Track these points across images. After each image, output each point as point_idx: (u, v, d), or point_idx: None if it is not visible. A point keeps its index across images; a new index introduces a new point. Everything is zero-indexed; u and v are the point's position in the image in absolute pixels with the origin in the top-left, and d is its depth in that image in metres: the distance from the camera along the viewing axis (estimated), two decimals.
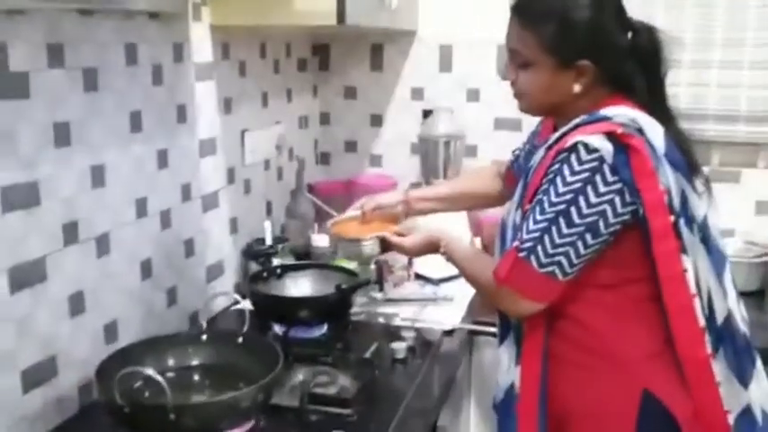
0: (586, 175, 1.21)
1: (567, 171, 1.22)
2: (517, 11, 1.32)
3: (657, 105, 1.31)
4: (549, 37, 1.27)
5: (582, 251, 1.24)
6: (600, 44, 1.28)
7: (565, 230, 1.23)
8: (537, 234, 1.24)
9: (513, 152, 1.67)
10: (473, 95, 2.38)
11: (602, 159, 1.20)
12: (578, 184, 1.21)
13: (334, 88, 2.50)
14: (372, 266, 2.05)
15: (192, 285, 1.78)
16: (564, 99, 1.31)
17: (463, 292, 2.03)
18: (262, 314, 1.64)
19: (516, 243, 1.27)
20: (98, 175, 1.44)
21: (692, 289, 1.25)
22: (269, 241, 1.99)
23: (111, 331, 1.50)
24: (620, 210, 1.22)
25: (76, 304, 1.40)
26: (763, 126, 2.16)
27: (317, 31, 2.34)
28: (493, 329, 1.80)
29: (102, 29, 1.42)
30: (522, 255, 1.25)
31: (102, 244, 1.46)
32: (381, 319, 1.86)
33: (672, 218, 1.23)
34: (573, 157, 1.22)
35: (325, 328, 1.69)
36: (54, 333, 1.35)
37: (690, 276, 1.25)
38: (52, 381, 1.35)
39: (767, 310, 2.02)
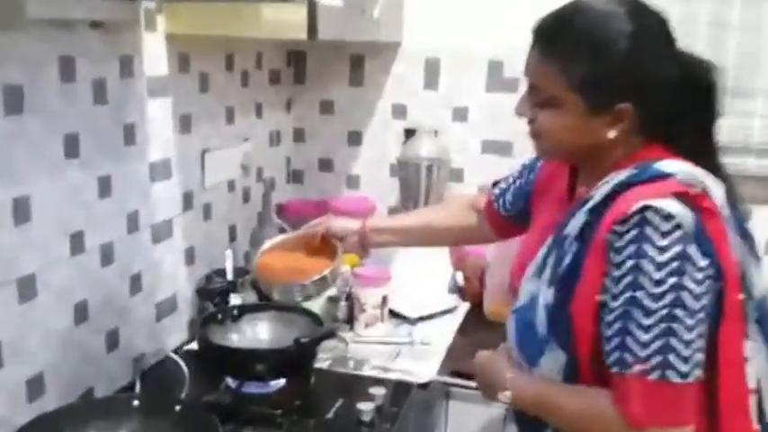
0: (678, 249, 0.97)
1: (651, 251, 0.98)
2: (540, 37, 1.09)
3: (705, 157, 1.08)
4: (581, 73, 1.04)
5: (706, 337, 1.00)
6: (642, 82, 1.05)
7: (689, 322, 0.97)
8: (660, 342, 0.97)
9: (497, 185, 1.46)
10: (460, 115, 2.20)
11: (681, 227, 0.98)
12: (675, 264, 0.97)
13: (309, 102, 2.31)
14: (343, 303, 1.87)
15: (138, 326, 1.59)
16: (593, 147, 1.09)
17: (442, 335, 1.86)
18: (212, 365, 1.46)
19: (637, 367, 0.98)
20: (22, 209, 1.24)
21: (751, 382, 1.06)
22: (230, 273, 1.80)
23: (35, 386, 1.31)
24: (715, 284, 1.00)
25: None
26: None
27: (289, 39, 2.15)
28: (473, 384, 1.64)
29: (31, 41, 1.23)
30: (654, 376, 0.97)
31: (27, 287, 1.27)
32: (351, 365, 1.67)
33: (741, 295, 1.03)
34: (649, 231, 0.98)
35: (283, 382, 1.50)
36: None
37: (749, 367, 1.06)
38: None
39: None
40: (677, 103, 1.07)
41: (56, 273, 1.34)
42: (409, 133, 2.15)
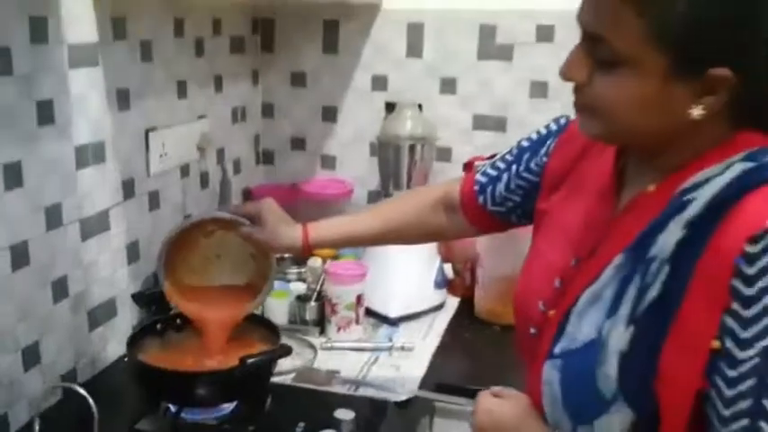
0: None
1: None
2: None
3: None
4: (667, 19, 0.75)
5: None
6: (748, 41, 0.77)
7: None
8: None
9: (481, 171, 1.18)
10: (448, 86, 1.94)
11: None
12: None
13: (279, 73, 2.06)
14: (312, 303, 1.64)
15: (65, 337, 1.35)
16: (669, 128, 0.81)
17: (427, 338, 1.63)
18: (147, 387, 1.22)
19: None
20: None
21: None
22: None
23: None
24: None
25: None
26: None
27: (254, 2, 1.89)
28: (462, 400, 1.40)
29: None
30: None
31: None
32: (317, 379, 1.44)
33: None
34: None
35: (233, 404, 1.26)
36: None
37: None
38: None
39: None
40: None
41: None
42: (390, 107, 1.90)
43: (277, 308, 1.63)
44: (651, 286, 0.79)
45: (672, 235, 0.79)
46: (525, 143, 1.13)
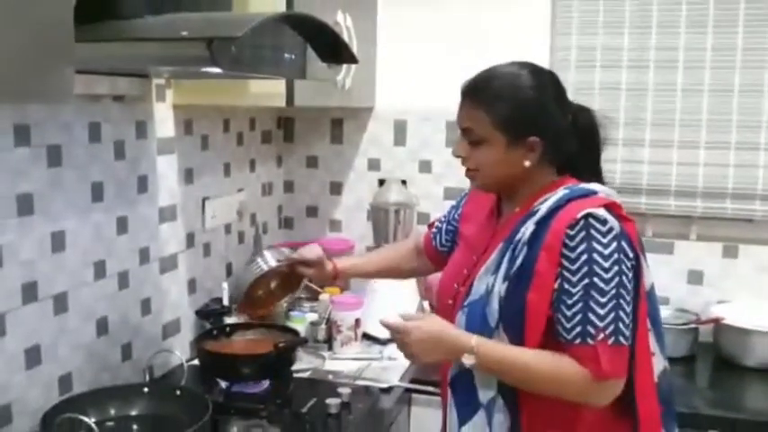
0: (615, 244, 1.32)
1: (598, 246, 1.31)
2: (469, 93, 1.43)
3: (596, 181, 1.45)
4: (501, 115, 1.38)
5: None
6: (544, 122, 1.40)
7: (627, 298, 1.33)
8: (612, 315, 1.31)
9: (434, 225, 1.79)
10: (425, 167, 2.56)
11: (614, 228, 1.32)
12: (616, 255, 1.32)
13: (297, 158, 2.69)
14: (322, 326, 2.20)
15: (147, 341, 1.92)
16: (516, 173, 1.41)
17: None
18: (207, 370, 1.78)
19: (600, 335, 1.30)
20: (58, 241, 1.60)
21: (652, 347, 1.41)
22: (225, 301, 2.13)
23: (65, 382, 1.64)
24: (636, 271, 1.35)
25: (33, 357, 1.54)
26: (692, 200, 2.34)
27: (279, 107, 2.52)
28: (430, 388, 1.95)
29: (66, 111, 1.60)
30: (612, 341, 1.31)
31: (60, 302, 1.61)
32: (327, 377, 1.99)
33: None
34: (594, 232, 1.32)
35: (267, 384, 1.82)
36: (9, 383, 1.49)
37: (651, 337, 1.41)
38: (6, 427, 1.48)
39: (696, 376, 2.13)
40: (572, 139, 1.43)
41: (83, 292, 1.68)
42: (382, 183, 2.51)
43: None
44: (518, 257, 1.37)
45: (528, 228, 1.38)
46: (453, 203, 1.75)
